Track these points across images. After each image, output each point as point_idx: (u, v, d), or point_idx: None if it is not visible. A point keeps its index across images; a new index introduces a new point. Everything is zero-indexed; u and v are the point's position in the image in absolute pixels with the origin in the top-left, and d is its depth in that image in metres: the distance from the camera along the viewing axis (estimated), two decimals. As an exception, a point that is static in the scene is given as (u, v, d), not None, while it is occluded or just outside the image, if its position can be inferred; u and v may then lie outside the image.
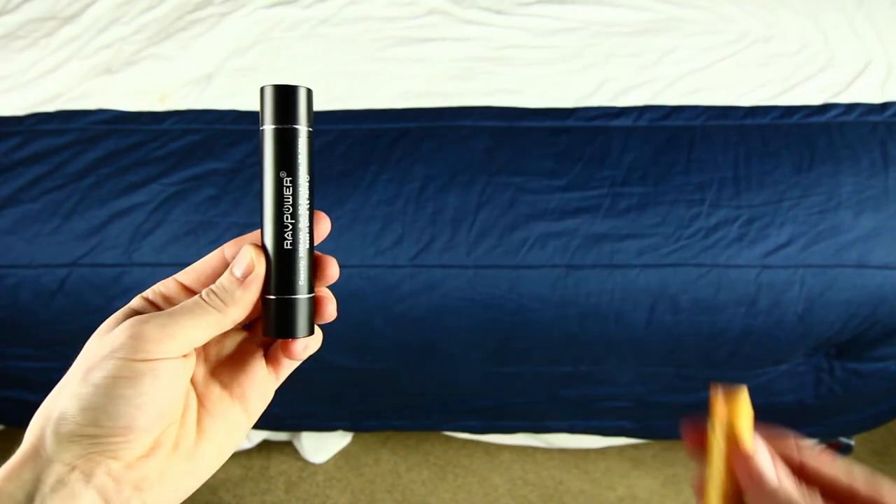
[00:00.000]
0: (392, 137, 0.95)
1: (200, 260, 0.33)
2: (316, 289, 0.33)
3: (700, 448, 0.32)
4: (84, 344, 0.31)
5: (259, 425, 1.15)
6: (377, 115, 0.98)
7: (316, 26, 1.13)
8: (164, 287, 0.32)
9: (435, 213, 0.89)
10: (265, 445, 1.26)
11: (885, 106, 0.98)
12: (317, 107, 0.99)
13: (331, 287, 0.34)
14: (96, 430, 0.27)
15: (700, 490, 0.32)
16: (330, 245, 0.35)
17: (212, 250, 0.33)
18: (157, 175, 0.92)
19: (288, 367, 0.34)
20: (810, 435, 1.15)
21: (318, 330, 0.34)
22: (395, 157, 0.93)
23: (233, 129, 0.98)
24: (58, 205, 0.90)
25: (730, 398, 0.31)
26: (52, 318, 0.90)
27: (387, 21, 1.13)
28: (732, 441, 0.31)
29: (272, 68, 1.08)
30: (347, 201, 0.90)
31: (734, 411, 0.31)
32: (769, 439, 0.31)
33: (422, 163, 0.93)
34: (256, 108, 1.04)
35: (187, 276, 0.32)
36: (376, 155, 0.94)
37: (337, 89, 1.03)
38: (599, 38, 1.10)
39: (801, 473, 0.31)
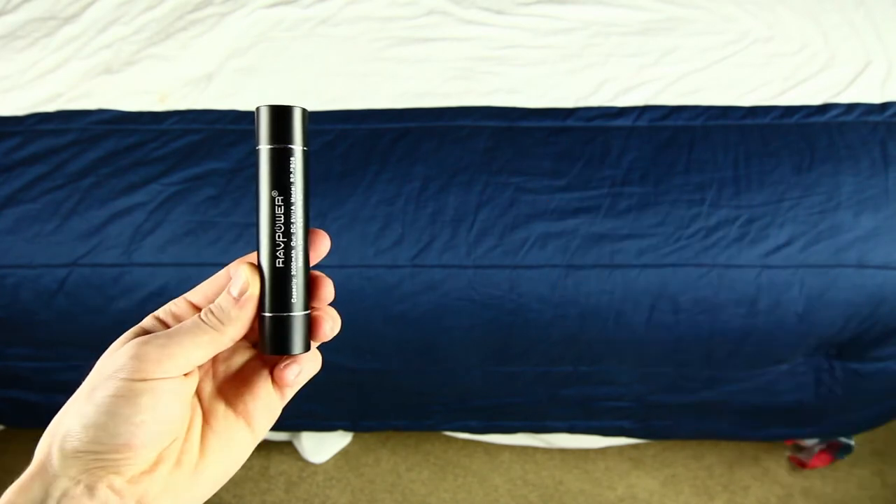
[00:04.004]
0: (392, 137, 0.95)
1: (208, 279, 0.34)
2: (314, 308, 0.34)
3: None
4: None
5: (259, 425, 1.15)
6: (377, 115, 0.98)
7: (316, 26, 1.13)
8: (175, 306, 0.33)
9: (435, 213, 0.89)
10: (265, 445, 1.26)
11: (885, 106, 0.98)
12: (317, 107, 1.00)
13: None
14: (97, 447, 0.28)
15: None
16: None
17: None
18: (157, 175, 0.92)
19: (293, 387, 0.35)
20: (810, 435, 1.15)
21: (316, 353, 0.34)
22: (395, 157, 0.93)
23: (233, 129, 0.98)
24: (58, 205, 0.90)
25: None
26: (52, 318, 0.90)
27: (387, 21, 1.13)
28: None
29: (272, 68, 1.08)
30: (347, 201, 0.90)
31: None
32: None
33: (422, 163, 0.92)
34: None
35: (196, 295, 0.33)
36: (376, 155, 0.94)
37: (337, 89, 1.03)
38: (599, 38, 1.10)
39: None
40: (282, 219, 0.32)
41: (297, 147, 0.32)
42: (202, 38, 1.11)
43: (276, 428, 1.17)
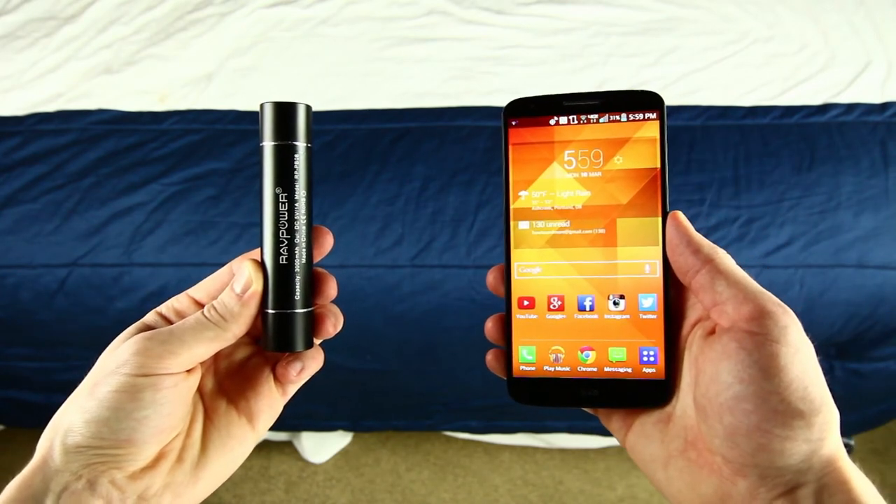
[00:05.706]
0: (392, 137, 0.95)
1: (211, 276, 0.33)
2: (317, 305, 0.33)
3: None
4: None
5: (259, 425, 1.15)
6: (377, 115, 0.98)
7: (316, 26, 1.13)
8: (178, 302, 0.33)
9: (435, 213, 0.89)
10: (265, 445, 1.26)
11: (885, 106, 0.98)
12: (317, 107, 0.99)
13: None
14: (99, 442, 0.28)
15: None
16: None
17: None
18: (157, 175, 0.92)
19: (295, 383, 0.35)
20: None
21: (318, 350, 0.34)
22: (395, 157, 0.93)
23: (233, 129, 0.98)
24: (58, 205, 0.90)
25: None
26: (52, 318, 0.90)
27: (387, 21, 1.13)
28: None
29: (272, 68, 1.07)
30: (347, 201, 0.90)
31: None
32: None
33: (422, 163, 0.92)
34: (256, 107, 1.04)
35: (199, 291, 0.33)
36: (376, 155, 0.94)
37: (337, 89, 1.03)
38: (599, 38, 1.10)
39: None
40: (285, 215, 0.32)
41: (301, 144, 0.32)
42: (202, 38, 1.11)
43: (276, 428, 1.17)
